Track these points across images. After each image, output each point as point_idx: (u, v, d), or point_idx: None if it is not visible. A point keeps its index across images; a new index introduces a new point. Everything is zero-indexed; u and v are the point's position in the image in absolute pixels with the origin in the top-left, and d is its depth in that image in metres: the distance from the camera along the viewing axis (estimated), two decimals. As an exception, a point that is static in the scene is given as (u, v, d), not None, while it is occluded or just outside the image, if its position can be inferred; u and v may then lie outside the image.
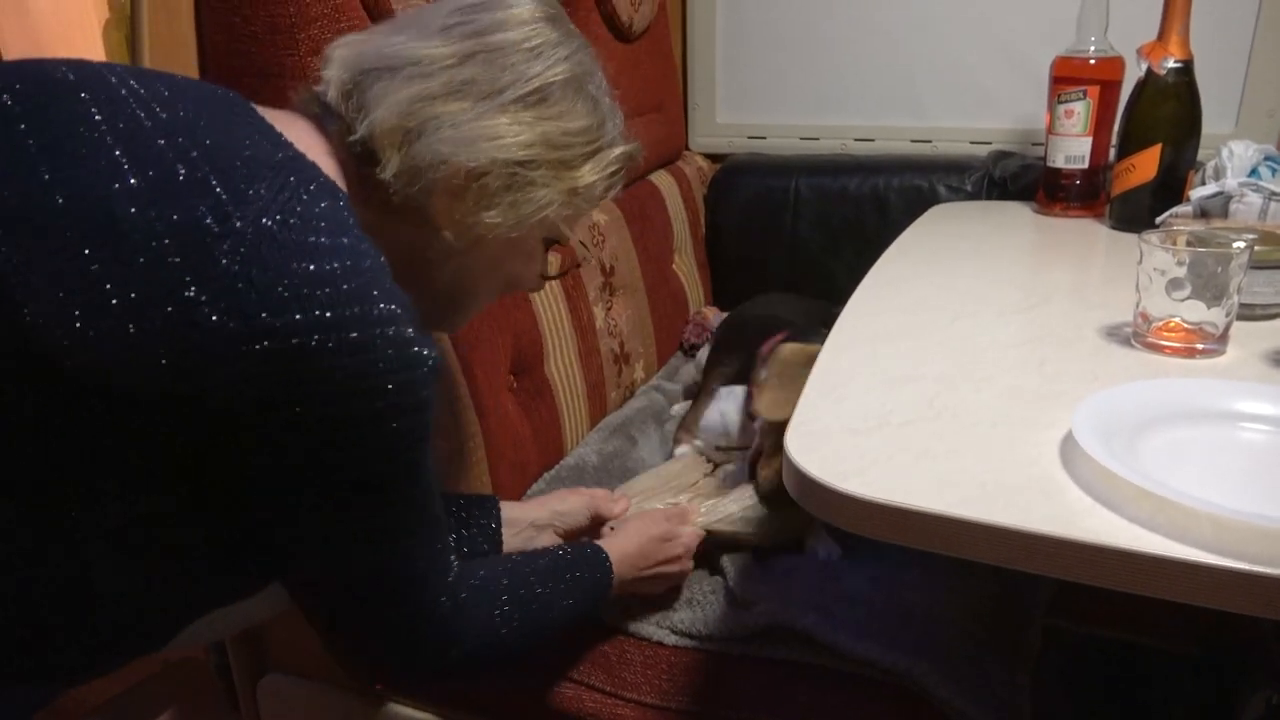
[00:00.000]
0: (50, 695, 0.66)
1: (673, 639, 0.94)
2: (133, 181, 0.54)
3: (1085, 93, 1.27)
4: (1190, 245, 0.77)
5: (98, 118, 0.56)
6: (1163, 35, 1.17)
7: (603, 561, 0.87)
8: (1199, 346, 0.78)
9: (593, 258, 1.37)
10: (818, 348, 0.90)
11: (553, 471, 1.22)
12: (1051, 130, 1.32)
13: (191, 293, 0.53)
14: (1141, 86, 1.20)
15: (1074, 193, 1.32)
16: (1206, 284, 0.76)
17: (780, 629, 0.91)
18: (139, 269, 0.53)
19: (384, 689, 1.06)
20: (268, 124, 0.63)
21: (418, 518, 0.65)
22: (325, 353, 0.55)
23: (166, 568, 0.64)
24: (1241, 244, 0.76)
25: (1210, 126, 1.22)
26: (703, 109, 1.81)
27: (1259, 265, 0.85)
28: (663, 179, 1.65)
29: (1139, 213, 1.20)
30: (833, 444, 0.65)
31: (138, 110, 0.58)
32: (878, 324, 0.90)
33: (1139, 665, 1.42)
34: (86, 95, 0.57)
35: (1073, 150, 1.30)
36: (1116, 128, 1.26)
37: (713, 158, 1.82)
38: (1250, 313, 0.86)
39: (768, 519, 1.01)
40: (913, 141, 1.67)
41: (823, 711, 0.87)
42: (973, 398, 0.72)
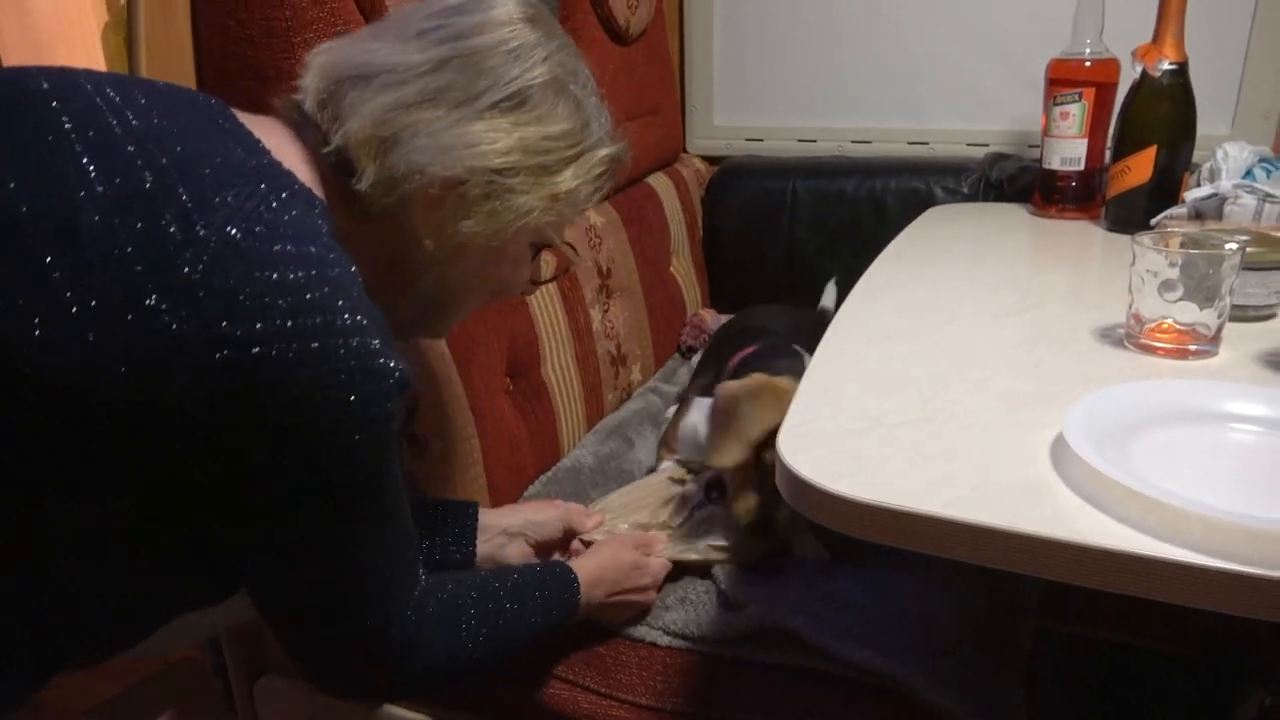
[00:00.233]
0: (14, 699, 0.64)
1: (666, 640, 0.94)
2: (99, 189, 0.54)
3: (1081, 95, 1.27)
4: (1183, 247, 0.77)
5: (68, 126, 0.56)
6: (1158, 37, 1.17)
7: (571, 582, 0.86)
8: (1191, 348, 0.78)
9: (589, 260, 1.37)
10: (755, 382, 0.91)
11: (549, 473, 1.23)
12: (1047, 132, 1.32)
13: (152, 300, 0.52)
14: (1137, 88, 1.20)
15: (1070, 194, 1.32)
16: (1199, 286, 0.76)
17: (771, 631, 0.91)
18: (100, 277, 0.52)
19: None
20: (246, 130, 0.63)
21: (381, 530, 0.64)
22: (285, 362, 0.54)
23: (131, 573, 0.63)
24: (1234, 246, 0.76)
25: (1205, 128, 1.22)
26: (700, 111, 1.81)
27: (1252, 267, 0.85)
28: (660, 181, 1.66)
29: (1134, 214, 1.20)
30: (826, 445, 0.65)
31: (110, 118, 0.57)
32: (873, 325, 0.90)
33: (1135, 667, 1.42)
34: (58, 104, 0.57)
35: (1068, 152, 1.30)
36: (1112, 130, 1.26)
37: (710, 160, 1.83)
38: (1243, 314, 0.86)
39: (739, 545, 1.00)
40: (910, 143, 1.68)
41: (815, 714, 0.87)
42: (967, 399, 0.72)
